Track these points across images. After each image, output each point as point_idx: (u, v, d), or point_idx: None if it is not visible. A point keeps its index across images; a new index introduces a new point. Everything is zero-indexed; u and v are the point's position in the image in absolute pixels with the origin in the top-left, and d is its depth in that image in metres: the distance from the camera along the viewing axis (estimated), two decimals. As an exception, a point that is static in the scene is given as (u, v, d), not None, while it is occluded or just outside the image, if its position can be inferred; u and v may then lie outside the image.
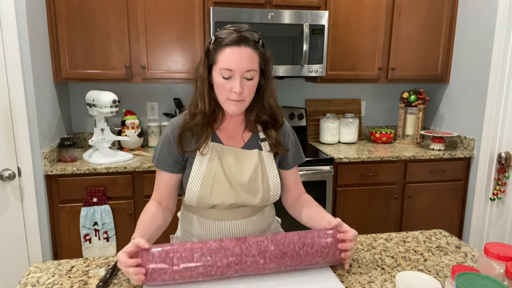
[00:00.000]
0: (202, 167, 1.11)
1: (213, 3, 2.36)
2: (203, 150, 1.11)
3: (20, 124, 1.95)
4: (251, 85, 1.06)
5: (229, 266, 0.94)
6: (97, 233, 2.16)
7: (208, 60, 1.08)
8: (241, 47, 1.02)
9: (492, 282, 0.72)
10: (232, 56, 1.02)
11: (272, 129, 1.17)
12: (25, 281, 1.00)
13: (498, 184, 2.49)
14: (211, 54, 1.06)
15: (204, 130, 1.11)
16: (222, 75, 1.04)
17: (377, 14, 2.60)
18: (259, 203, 1.14)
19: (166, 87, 2.75)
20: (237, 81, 1.03)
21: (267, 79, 1.12)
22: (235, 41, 1.02)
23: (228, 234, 1.16)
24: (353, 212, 2.50)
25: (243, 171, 1.12)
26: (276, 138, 1.16)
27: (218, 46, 1.04)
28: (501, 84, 2.39)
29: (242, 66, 1.02)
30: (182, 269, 0.92)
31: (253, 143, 1.17)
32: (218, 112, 1.14)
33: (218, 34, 1.05)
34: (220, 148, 1.13)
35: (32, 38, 1.98)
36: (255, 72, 1.06)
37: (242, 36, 1.02)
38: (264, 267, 0.97)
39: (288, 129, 1.23)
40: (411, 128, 2.88)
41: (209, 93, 1.09)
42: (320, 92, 3.00)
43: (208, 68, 1.08)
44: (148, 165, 2.18)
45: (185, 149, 1.11)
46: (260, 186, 1.12)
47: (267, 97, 1.13)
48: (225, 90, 1.05)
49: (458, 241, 1.26)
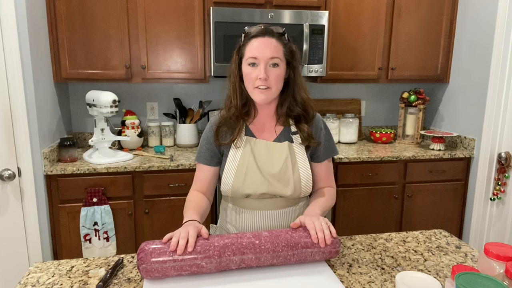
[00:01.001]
0: (236, 159, 1.18)
1: (213, 3, 2.36)
2: (237, 143, 1.19)
3: (20, 124, 1.95)
4: (276, 73, 1.13)
5: (226, 246, 0.98)
6: (97, 233, 2.16)
7: (238, 56, 1.18)
8: (266, 37, 1.13)
9: (492, 282, 0.72)
10: (257, 45, 1.12)
11: (304, 122, 1.23)
12: (25, 281, 1.00)
13: (498, 184, 2.49)
14: (241, 49, 1.17)
15: (237, 122, 1.19)
16: (248, 63, 1.13)
17: (377, 14, 2.60)
18: (291, 193, 1.18)
19: (166, 87, 2.76)
20: (262, 66, 1.11)
21: (295, 71, 1.19)
22: (260, 32, 1.13)
23: (261, 224, 1.20)
24: (353, 212, 2.50)
25: (274, 162, 1.17)
26: (308, 131, 1.21)
27: (246, 40, 1.15)
28: (501, 84, 2.39)
29: (266, 54, 1.11)
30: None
31: (284, 135, 1.23)
32: (250, 106, 1.22)
33: (246, 30, 1.17)
34: (252, 141, 1.20)
35: (32, 38, 1.99)
36: (280, 60, 1.13)
37: (267, 28, 1.14)
38: (260, 248, 0.99)
39: (320, 123, 1.28)
40: (411, 128, 2.88)
41: (240, 87, 1.19)
42: (320, 92, 3.00)
43: (239, 63, 1.18)
44: (148, 165, 2.18)
45: (221, 142, 1.19)
46: (290, 177, 1.17)
47: (297, 89, 1.21)
48: (252, 79, 1.13)
49: (458, 241, 1.26)
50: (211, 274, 1.01)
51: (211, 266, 0.97)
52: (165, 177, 2.21)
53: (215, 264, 0.97)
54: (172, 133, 2.68)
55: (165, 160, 2.28)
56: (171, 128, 2.68)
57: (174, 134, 2.71)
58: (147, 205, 2.23)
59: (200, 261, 0.96)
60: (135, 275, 1.04)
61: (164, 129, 2.67)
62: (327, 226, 1.02)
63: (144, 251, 0.96)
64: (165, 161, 2.26)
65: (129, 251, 2.25)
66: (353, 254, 1.16)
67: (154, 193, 2.23)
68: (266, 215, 1.19)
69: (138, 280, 1.01)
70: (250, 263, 1.00)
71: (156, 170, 2.19)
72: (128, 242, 2.25)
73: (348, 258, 1.14)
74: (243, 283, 0.97)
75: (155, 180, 2.21)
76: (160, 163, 2.21)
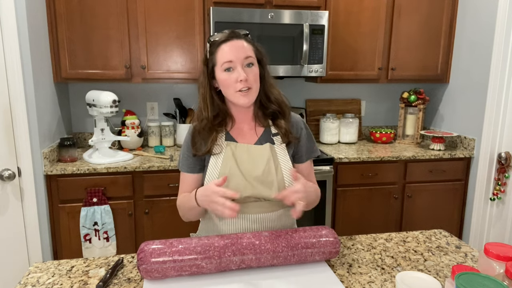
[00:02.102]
0: (218, 164, 1.18)
1: (213, 3, 2.36)
2: (215, 150, 1.18)
3: (20, 124, 1.95)
4: (254, 72, 1.14)
5: (226, 246, 0.98)
6: (97, 233, 2.16)
7: (208, 67, 1.17)
8: (234, 40, 1.13)
9: (492, 282, 0.72)
10: (229, 49, 1.12)
11: (281, 119, 1.23)
12: (25, 281, 1.00)
13: (498, 184, 2.49)
14: (210, 59, 1.16)
15: (210, 133, 1.18)
16: (224, 69, 1.12)
17: (377, 14, 2.60)
18: (275, 195, 1.17)
19: (166, 87, 2.76)
20: (239, 68, 1.11)
21: (265, 69, 1.20)
22: (227, 37, 1.14)
23: (246, 228, 1.18)
24: (353, 212, 2.50)
25: (256, 164, 1.17)
26: (285, 127, 1.21)
27: (214, 48, 1.15)
28: (501, 84, 2.39)
29: (240, 55, 1.11)
30: (181, 248, 0.96)
31: (265, 138, 1.23)
32: (225, 115, 1.21)
33: (210, 39, 1.17)
34: (234, 146, 1.19)
35: (32, 38, 1.99)
36: (253, 59, 1.14)
37: (232, 32, 1.15)
38: (261, 248, 0.99)
39: (300, 123, 1.28)
40: (411, 128, 2.88)
41: (211, 98, 1.18)
42: (320, 92, 3.00)
43: (210, 73, 1.16)
44: (148, 165, 2.18)
45: (197, 152, 1.18)
46: (274, 178, 1.16)
47: (267, 87, 1.21)
48: (231, 84, 1.12)
49: (458, 241, 1.26)
50: (211, 275, 1.01)
51: (211, 266, 0.97)
52: (165, 177, 2.21)
53: (215, 265, 0.97)
54: (172, 133, 2.68)
55: (165, 160, 2.28)
56: (171, 128, 2.68)
57: (174, 134, 2.71)
58: (147, 205, 2.23)
59: (200, 262, 0.96)
60: (135, 275, 1.04)
61: (164, 129, 2.67)
62: (303, 196, 1.03)
63: (144, 251, 0.96)
64: (165, 161, 2.26)
65: (129, 251, 2.25)
66: (353, 254, 1.16)
67: (154, 193, 2.23)
68: (250, 219, 1.18)
69: (138, 280, 1.01)
70: (250, 264, 1.00)
71: (156, 170, 2.19)
72: (128, 242, 2.25)
73: (348, 258, 1.14)
74: (243, 283, 0.97)
75: (155, 180, 2.21)
76: (160, 163, 2.21)
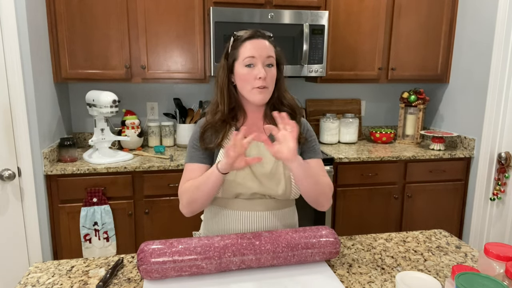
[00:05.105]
0: None
1: (213, 3, 2.36)
2: (225, 144, 1.18)
3: (20, 124, 1.95)
4: (272, 73, 1.16)
5: (226, 247, 0.98)
6: (97, 233, 2.16)
7: (228, 60, 1.18)
8: (259, 39, 1.16)
9: (492, 282, 0.72)
10: (253, 46, 1.14)
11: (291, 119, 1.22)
12: (25, 281, 1.00)
13: (498, 184, 2.49)
14: (231, 53, 1.18)
15: (223, 126, 1.20)
16: (245, 64, 1.14)
17: (377, 14, 2.60)
18: (282, 193, 1.17)
19: (166, 87, 2.75)
20: (260, 66, 1.13)
21: (281, 73, 1.22)
22: (253, 35, 1.16)
23: (250, 226, 1.18)
24: (353, 212, 2.50)
25: (265, 161, 1.18)
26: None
27: (238, 43, 1.16)
28: (501, 84, 2.39)
29: (263, 53, 1.14)
30: (181, 249, 0.96)
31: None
32: (239, 110, 1.23)
33: (236, 34, 1.18)
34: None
35: (32, 38, 1.99)
36: (274, 60, 1.17)
37: (257, 31, 1.18)
38: (261, 249, 0.99)
39: (307, 124, 1.29)
40: (411, 128, 2.88)
41: (228, 92, 1.19)
42: (320, 92, 3.00)
43: (229, 67, 1.18)
44: (148, 165, 2.18)
45: (207, 146, 1.19)
46: (282, 176, 1.17)
47: (283, 90, 1.23)
48: (250, 79, 1.14)
49: (458, 241, 1.26)
50: (211, 275, 1.01)
51: (211, 267, 0.97)
52: (165, 177, 2.21)
53: (215, 265, 0.97)
54: (172, 133, 2.68)
55: (165, 160, 2.28)
56: (171, 128, 2.68)
57: (174, 134, 2.71)
58: (147, 205, 2.23)
59: (200, 262, 0.96)
60: (135, 275, 1.04)
61: (164, 129, 2.67)
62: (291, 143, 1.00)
63: (144, 251, 0.96)
64: (165, 161, 2.26)
65: (129, 251, 2.25)
66: (353, 254, 1.16)
67: (154, 193, 2.23)
68: (254, 217, 1.18)
69: (138, 280, 1.01)
70: (250, 264, 1.00)
71: (156, 170, 2.19)
72: (128, 242, 2.25)
73: (348, 258, 1.14)
74: (243, 283, 0.97)
75: (155, 180, 2.21)
76: (160, 163, 2.21)
